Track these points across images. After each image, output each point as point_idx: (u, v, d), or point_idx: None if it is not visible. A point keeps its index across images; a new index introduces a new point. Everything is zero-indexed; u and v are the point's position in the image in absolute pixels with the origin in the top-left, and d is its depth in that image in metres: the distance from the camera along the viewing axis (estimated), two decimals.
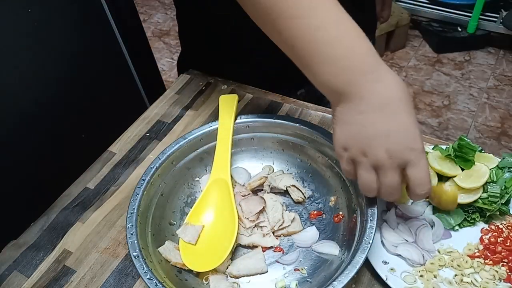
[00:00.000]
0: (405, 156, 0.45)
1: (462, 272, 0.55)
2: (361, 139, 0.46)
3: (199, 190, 0.66)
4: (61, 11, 0.84)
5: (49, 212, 0.66)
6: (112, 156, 0.74)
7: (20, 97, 0.80)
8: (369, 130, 0.45)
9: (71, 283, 0.58)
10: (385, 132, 0.45)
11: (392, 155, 0.45)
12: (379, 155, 0.45)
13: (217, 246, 0.56)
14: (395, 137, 0.45)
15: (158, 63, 1.52)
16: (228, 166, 0.62)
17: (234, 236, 0.56)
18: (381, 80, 0.45)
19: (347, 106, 0.46)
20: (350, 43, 0.45)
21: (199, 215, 0.59)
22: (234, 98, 0.68)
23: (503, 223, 0.60)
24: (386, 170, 0.46)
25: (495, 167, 0.62)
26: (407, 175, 0.46)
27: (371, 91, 0.45)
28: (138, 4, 2.88)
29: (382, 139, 0.45)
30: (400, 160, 0.45)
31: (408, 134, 0.45)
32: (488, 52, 2.37)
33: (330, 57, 0.45)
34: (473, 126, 2.00)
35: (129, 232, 0.53)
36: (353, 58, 0.45)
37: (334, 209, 0.62)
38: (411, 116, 0.45)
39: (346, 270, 0.48)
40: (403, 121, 0.45)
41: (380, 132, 0.45)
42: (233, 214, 0.58)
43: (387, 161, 0.45)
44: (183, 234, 0.57)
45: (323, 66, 0.46)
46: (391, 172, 0.46)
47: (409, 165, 0.46)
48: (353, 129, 0.47)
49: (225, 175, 0.61)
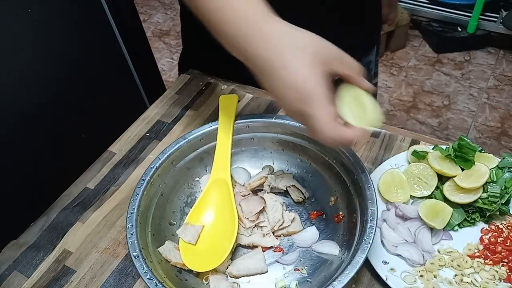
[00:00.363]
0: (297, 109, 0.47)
1: (462, 272, 0.55)
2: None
3: (199, 190, 0.66)
4: (61, 11, 0.84)
5: (49, 212, 0.66)
6: (112, 156, 0.74)
7: (20, 97, 0.80)
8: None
9: (71, 283, 0.58)
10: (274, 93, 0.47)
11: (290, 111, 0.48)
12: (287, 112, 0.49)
13: (217, 246, 0.56)
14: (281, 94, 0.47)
15: (158, 63, 1.51)
16: (228, 166, 0.62)
17: (234, 236, 0.56)
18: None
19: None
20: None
21: (199, 215, 0.59)
22: (234, 98, 0.68)
23: (503, 223, 0.60)
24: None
25: (495, 167, 0.62)
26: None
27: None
28: (138, 4, 2.87)
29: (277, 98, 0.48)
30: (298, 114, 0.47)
31: (291, 89, 0.46)
32: (488, 52, 2.37)
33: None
34: (473, 126, 2.00)
35: (129, 232, 0.53)
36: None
37: (334, 209, 0.62)
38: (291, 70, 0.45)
39: (346, 270, 0.48)
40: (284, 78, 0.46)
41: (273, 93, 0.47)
42: (233, 214, 0.58)
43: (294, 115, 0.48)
44: (183, 234, 0.57)
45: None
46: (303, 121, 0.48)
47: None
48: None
49: (225, 175, 0.61)
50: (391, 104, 2.12)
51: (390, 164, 0.67)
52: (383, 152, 0.71)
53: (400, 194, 0.63)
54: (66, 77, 0.89)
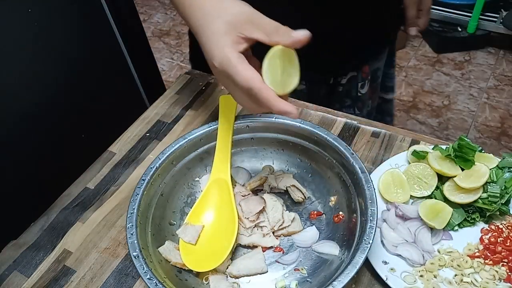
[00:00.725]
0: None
1: (462, 272, 0.55)
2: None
3: (199, 190, 0.66)
4: (61, 11, 0.84)
5: (49, 212, 0.66)
6: (112, 156, 0.74)
7: (20, 97, 0.80)
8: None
9: (71, 283, 0.58)
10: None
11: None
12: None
13: (217, 246, 0.56)
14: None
15: (158, 63, 1.51)
16: (228, 166, 0.62)
17: (234, 236, 0.56)
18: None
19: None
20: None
21: (199, 215, 0.59)
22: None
23: (503, 223, 0.60)
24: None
25: (495, 167, 0.62)
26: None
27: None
28: (138, 4, 2.87)
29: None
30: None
31: (208, 55, 0.50)
32: (488, 52, 2.37)
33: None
34: (473, 126, 2.00)
35: (129, 232, 0.53)
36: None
37: (334, 209, 0.62)
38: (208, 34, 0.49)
39: (346, 270, 0.48)
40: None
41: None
42: (233, 214, 0.58)
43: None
44: (183, 234, 0.57)
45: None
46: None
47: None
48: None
49: (225, 175, 0.61)
50: None
51: (390, 164, 0.67)
52: (383, 152, 0.71)
53: (400, 194, 0.63)
54: (66, 77, 0.89)
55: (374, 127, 0.74)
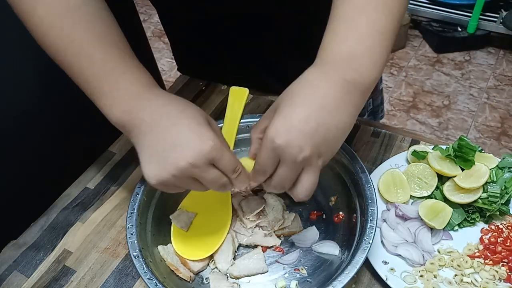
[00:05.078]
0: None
1: (462, 272, 0.55)
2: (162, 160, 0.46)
3: None
4: None
5: (49, 212, 0.66)
6: (112, 156, 0.74)
7: (20, 97, 0.80)
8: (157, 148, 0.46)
9: (71, 283, 0.58)
10: (175, 143, 0.45)
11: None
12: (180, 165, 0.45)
13: (209, 236, 0.57)
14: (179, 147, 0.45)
15: (158, 63, 1.51)
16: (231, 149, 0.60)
17: (227, 228, 0.56)
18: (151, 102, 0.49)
19: (131, 136, 0.49)
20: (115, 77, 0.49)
21: (194, 203, 0.59)
22: (244, 91, 0.64)
23: (503, 223, 0.60)
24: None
25: (495, 167, 0.62)
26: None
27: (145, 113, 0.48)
28: (138, 4, 2.87)
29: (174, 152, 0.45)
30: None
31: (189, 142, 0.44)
32: (488, 52, 2.37)
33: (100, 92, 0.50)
34: (473, 126, 2.00)
35: (129, 232, 0.53)
36: (118, 91, 0.49)
37: (334, 209, 0.62)
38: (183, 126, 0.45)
39: (346, 270, 0.48)
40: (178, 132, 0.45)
41: (175, 143, 0.45)
42: (228, 205, 0.58)
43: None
44: (176, 219, 0.57)
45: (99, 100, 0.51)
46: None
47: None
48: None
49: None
50: (391, 104, 2.12)
51: (390, 164, 0.67)
52: (383, 152, 0.71)
53: (400, 194, 0.63)
54: (67, 77, 0.89)
55: (374, 127, 0.74)
